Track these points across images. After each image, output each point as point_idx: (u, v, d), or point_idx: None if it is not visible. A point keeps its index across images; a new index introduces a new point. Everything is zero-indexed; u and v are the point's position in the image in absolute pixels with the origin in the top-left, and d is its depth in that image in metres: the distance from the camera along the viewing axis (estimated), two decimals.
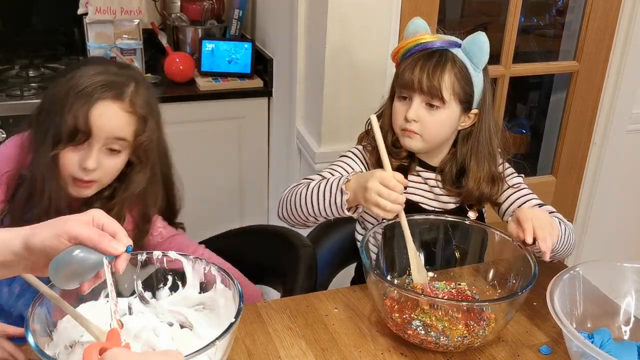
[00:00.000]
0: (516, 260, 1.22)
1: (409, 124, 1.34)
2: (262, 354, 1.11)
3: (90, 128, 1.15)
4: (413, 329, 1.12)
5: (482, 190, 1.39)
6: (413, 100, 1.34)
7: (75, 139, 1.16)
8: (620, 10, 2.14)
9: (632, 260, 1.19)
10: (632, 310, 1.18)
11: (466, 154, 1.40)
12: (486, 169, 1.39)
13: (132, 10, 2.40)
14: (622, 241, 2.54)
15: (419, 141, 1.36)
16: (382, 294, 1.15)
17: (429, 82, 1.30)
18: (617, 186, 2.43)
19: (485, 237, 1.30)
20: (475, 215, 1.44)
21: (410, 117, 1.33)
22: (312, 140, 2.03)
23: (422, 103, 1.33)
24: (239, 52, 2.46)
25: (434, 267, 1.33)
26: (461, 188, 1.41)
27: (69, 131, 1.15)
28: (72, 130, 1.15)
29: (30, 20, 2.60)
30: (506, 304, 1.11)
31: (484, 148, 1.39)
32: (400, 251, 1.29)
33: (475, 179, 1.39)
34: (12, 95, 2.20)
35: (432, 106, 1.33)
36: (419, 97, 1.33)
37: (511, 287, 1.22)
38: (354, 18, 1.82)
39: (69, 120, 1.14)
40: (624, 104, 2.28)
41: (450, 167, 1.42)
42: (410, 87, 1.33)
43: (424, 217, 1.33)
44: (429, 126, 1.34)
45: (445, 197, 1.44)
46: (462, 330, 1.11)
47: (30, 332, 0.89)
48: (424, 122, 1.33)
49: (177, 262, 1.08)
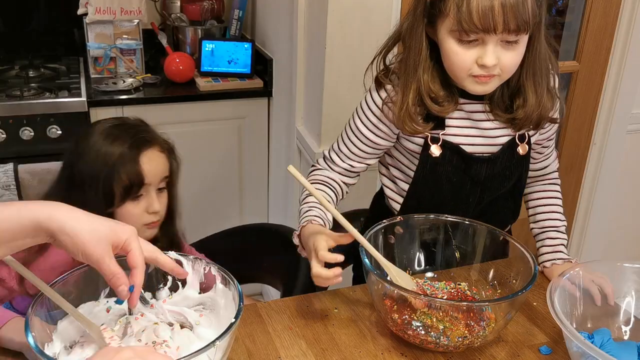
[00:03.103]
0: (516, 260, 1.22)
1: (484, 69, 1.16)
2: (262, 354, 1.11)
3: (143, 178, 1.30)
4: (413, 329, 1.12)
5: (543, 108, 1.25)
6: (487, 42, 1.14)
7: (132, 192, 1.30)
8: (620, 10, 2.14)
9: (632, 260, 1.19)
10: (632, 310, 1.18)
11: (522, 71, 1.23)
12: (544, 84, 1.25)
13: (132, 11, 2.40)
14: (622, 241, 2.54)
15: (496, 82, 1.20)
16: (382, 294, 1.15)
17: (516, 19, 1.10)
18: (617, 186, 2.43)
19: (486, 237, 1.29)
20: (525, 150, 1.33)
21: (490, 62, 1.14)
22: (312, 140, 2.03)
23: (498, 42, 1.14)
24: (239, 53, 2.47)
25: (434, 268, 1.33)
26: (515, 113, 1.26)
27: (125, 188, 1.28)
28: (127, 186, 1.29)
29: (30, 20, 2.60)
30: (506, 304, 1.11)
31: (544, 61, 1.23)
32: (401, 251, 1.29)
33: (536, 97, 1.24)
34: (12, 95, 2.20)
35: (510, 42, 1.15)
36: (496, 36, 1.13)
37: (511, 287, 1.22)
38: (354, 18, 1.82)
39: (123, 179, 1.28)
40: (624, 104, 2.28)
41: (501, 91, 1.25)
42: (488, 29, 1.11)
43: (423, 217, 1.30)
44: (508, 64, 1.17)
45: (495, 131, 1.30)
46: (463, 330, 1.11)
47: (30, 332, 0.89)
48: (502, 61, 1.16)
49: (177, 262, 1.08)
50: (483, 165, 1.31)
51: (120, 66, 2.47)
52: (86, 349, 0.96)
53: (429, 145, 1.29)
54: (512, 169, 1.34)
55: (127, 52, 2.46)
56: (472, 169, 1.31)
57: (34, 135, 2.19)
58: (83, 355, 0.96)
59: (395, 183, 1.40)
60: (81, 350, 0.96)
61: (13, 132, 2.18)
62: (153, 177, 1.32)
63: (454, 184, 1.33)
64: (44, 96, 2.23)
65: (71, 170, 1.32)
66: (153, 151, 1.33)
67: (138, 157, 1.30)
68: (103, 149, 1.29)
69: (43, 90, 2.27)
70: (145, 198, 1.33)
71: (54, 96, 2.23)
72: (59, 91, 2.26)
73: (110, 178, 1.27)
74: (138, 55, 2.47)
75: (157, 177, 1.33)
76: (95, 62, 2.44)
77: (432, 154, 1.29)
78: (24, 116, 2.18)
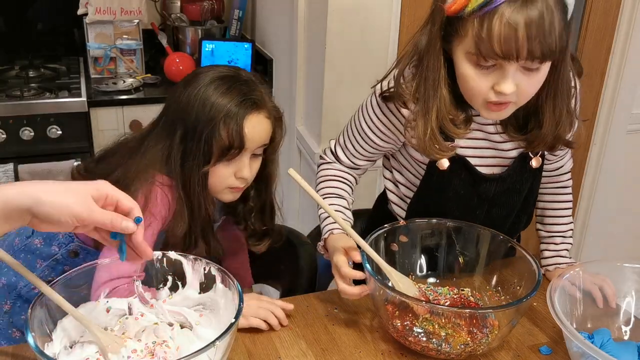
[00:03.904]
0: (520, 265, 1.20)
1: (501, 96, 1.07)
2: (262, 354, 1.11)
3: (244, 142, 1.21)
4: (414, 336, 1.10)
5: (560, 133, 1.17)
6: (507, 69, 1.04)
7: (229, 154, 1.21)
8: (620, 10, 2.14)
9: (632, 260, 1.19)
10: (632, 311, 1.18)
11: (542, 93, 1.14)
12: (564, 107, 1.16)
13: (132, 11, 2.40)
14: (622, 241, 2.54)
15: (511, 109, 1.12)
16: (384, 300, 1.13)
17: (541, 47, 1.00)
18: (617, 186, 2.43)
19: (490, 242, 1.26)
20: (539, 163, 1.27)
21: (508, 90, 1.05)
22: (312, 140, 2.03)
23: (519, 68, 1.05)
24: (239, 53, 2.46)
25: (436, 273, 1.30)
26: (528, 133, 1.19)
27: (222, 148, 1.20)
28: (225, 147, 1.20)
29: (30, 20, 2.60)
30: (511, 310, 1.08)
31: (566, 83, 1.15)
32: (403, 256, 1.27)
33: (554, 120, 1.16)
34: (12, 95, 2.20)
35: (532, 69, 1.06)
36: (517, 64, 1.04)
37: (515, 293, 1.20)
38: (354, 18, 1.82)
39: (223, 138, 1.19)
40: (624, 104, 2.28)
41: (515, 112, 1.16)
42: (510, 57, 1.01)
43: (425, 222, 1.27)
44: (527, 91, 1.08)
45: (507, 144, 1.24)
46: (465, 337, 1.10)
47: (30, 332, 0.89)
48: (520, 88, 1.07)
49: (177, 262, 1.08)
50: (493, 184, 1.27)
51: (120, 66, 2.47)
52: (86, 349, 0.97)
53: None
54: (523, 182, 1.30)
55: (127, 52, 2.46)
56: (481, 187, 1.27)
57: (34, 135, 2.19)
58: (83, 355, 0.96)
59: (398, 188, 1.37)
60: (81, 350, 0.96)
61: (13, 132, 2.18)
62: (252, 143, 1.23)
63: (460, 196, 1.28)
64: (44, 96, 2.23)
65: (174, 116, 1.23)
66: (259, 116, 1.23)
67: (243, 119, 1.20)
68: (212, 99, 1.20)
69: (43, 90, 2.27)
70: (237, 161, 1.23)
71: (54, 96, 2.23)
72: (59, 91, 2.26)
73: (212, 133, 1.19)
74: (138, 55, 2.47)
75: (257, 143, 1.24)
76: (95, 62, 2.44)
77: (440, 166, 1.24)
78: (24, 116, 2.18)
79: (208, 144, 1.19)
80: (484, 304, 1.25)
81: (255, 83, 1.26)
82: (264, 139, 1.26)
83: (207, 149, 1.20)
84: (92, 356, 0.95)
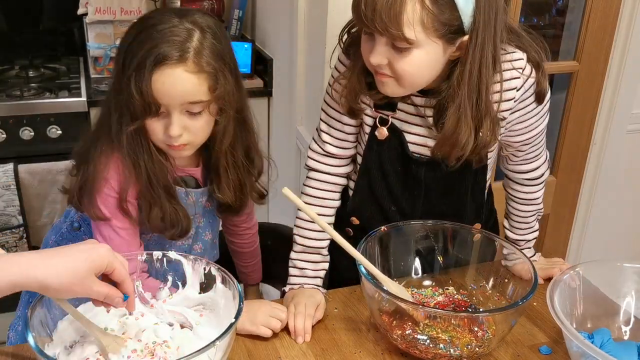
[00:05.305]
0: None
1: (377, 66, 1.09)
2: (262, 354, 1.11)
3: (157, 99, 1.09)
4: (421, 344, 1.09)
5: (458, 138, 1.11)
6: (375, 40, 1.06)
7: (151, 112, 1.10)
8: (620, 10, 2.14)
9: (632, 260, 1.19)
10: (632, 310, 1.18)
11: (449, 87, 1.10)
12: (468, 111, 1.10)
13: (132, 11, 2.40)
14: (622, 241, 2.54)
15: (394, 86, 1.10)
16: (378, 310, 1.13)
17: (382, 21, 1.00)
18: (617, 186, 2.43)
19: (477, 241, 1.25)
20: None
21: (374, 61, 1.07)
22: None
23: (388, 43, 1.05)
24: (239, 53, 2.46)
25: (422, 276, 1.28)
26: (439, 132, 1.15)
27: (141, 105, 1.09)
28: (143, 104, 1.09)
29: (30, 20, 2.60)
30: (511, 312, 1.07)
31: (474, 81, 1.08)
32: (397, 259, 1.26)
33: (453, 120, 1.10)
34: (12, 95, 2.21)
35: (399, 48, 1.05)
36: (382, 37, 1.04)
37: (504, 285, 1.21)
38: None
39: (136, 95, 1.08)
40: (624, 104, 2.28)
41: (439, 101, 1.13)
42: (362, 23, 1.04)
43: (420, 223, 1.26)
44: (401, 71, 1.07)
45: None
46: (469, 337, 1.10)
47: (30, 332, 0.89)
48: (393, 65, 1.06)
49: (177, 262, 1.08)
50: (422, 167, 1.24)
51: None
52: (86, 349, 0.96)
53: (377, 126, 1.24)
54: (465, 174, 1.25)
55: None
56: (412, 166, 1.25)
57: (34, 135, 2.19)
58: (83, 355, 0.96)
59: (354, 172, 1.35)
60: (81, 350, 0.96)
61: (13, 132, 2.18)
62: (170, 99, 1.10)
63: (398, 173, 1.27)
64: (44, 96, 2.23)
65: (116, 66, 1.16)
66: (176, 70, 1.08)
67: (151, 74, 1.07)
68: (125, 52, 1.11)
69: (43, 90, 2.27)
70: (165, 118, 1.13)
71: (54, 96, 2.23)
72: (59, 91, 2.26)
73: (128, 91, 1.09)
74: None
75: (177, 100, 1.10)
76: (95, 62, 2.44)
77: (379, 134, 1.23)
78: (24, 116, 2.18)
79: (126, 103, 1.10)
80: (477, 299, 1.24)
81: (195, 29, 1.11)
82: (188, 97, 1.10)
83: (127, 107, 1.10)
84: (92, 356, 0.95)
